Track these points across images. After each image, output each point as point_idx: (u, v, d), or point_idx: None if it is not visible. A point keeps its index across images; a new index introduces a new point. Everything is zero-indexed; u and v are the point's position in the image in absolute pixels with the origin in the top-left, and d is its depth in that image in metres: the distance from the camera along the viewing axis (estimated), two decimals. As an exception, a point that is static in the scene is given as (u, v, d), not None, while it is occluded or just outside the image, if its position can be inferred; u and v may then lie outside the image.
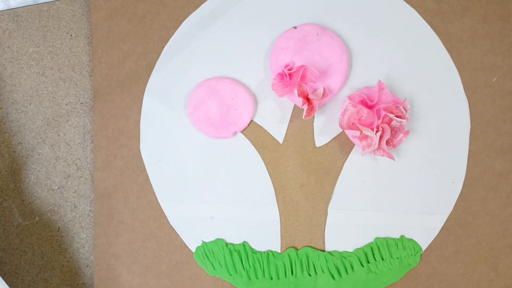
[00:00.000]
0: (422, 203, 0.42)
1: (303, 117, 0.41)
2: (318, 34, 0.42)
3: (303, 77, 0.41)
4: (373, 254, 0.42)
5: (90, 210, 0.44)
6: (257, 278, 0.42)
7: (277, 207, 0.43)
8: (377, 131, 0.40)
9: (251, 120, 0.43)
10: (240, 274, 0.42)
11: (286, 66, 0.41)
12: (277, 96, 0.42)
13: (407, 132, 0.41)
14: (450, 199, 0.42)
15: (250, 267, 0.42)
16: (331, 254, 0.42)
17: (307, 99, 0.41)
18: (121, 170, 0.43)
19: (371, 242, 0.42)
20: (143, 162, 0.43)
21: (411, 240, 0.42)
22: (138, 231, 0.43)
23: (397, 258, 0.42)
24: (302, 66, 0.41)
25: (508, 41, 0.42)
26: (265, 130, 0.43)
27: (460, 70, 0.43)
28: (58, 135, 0.44)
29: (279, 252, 0.43)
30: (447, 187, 0.42)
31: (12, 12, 0.44)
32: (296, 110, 0.43)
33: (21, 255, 0.43)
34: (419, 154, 0.42)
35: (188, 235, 0.43)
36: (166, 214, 0.43)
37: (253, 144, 0.43)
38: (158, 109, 0.43)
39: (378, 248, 0.42)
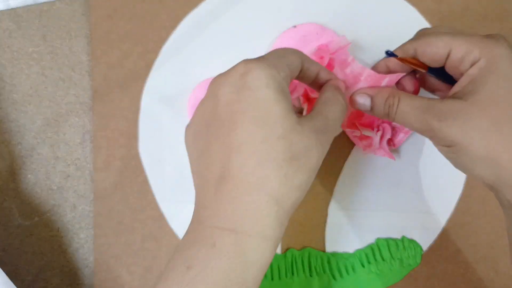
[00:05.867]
0: (423, 203, 0.42)
1: (303, 117, 0.41)
2: (318, 33, 0.42)
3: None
4: (373, 255, 0.42)
5: (89, 211, 0.44)
6: (257, 278, 0.42)
7: (277, 208, 0.43)
8: (377, 131, 0.40)
9: (251, 120, 0.43)
10: (240, 275, 0.42)
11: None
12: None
13: (407, 132, 0.41)
14: (451, 199, 0.42)
15: (250, 267, 0.42)
16: (332, 255, 0.42)
17: (307, 98, 0.40)
18: (121, 170, 0.43)
19: (372, 243, 0.42)
20: (142, 163, 0.43)
21: (412, 240, 0.42)
22: (137, 231, 0.43)
23: (398, 259, 0.42)
24: None
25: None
26: (265, 130, 0.43)
27: (461, 69, 0.42)
28: (58, 135, 0.44)
29: (279, 253, 0.42)
30: (448, 187, 0.42)
31: (12, 12, 0.44)
32: (296, 110, 0.43)
33: (20, 255, 0.43)
34: (419, 154, 0.42)
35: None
36: (165, 215, 0.43)
37: (253, 144, 0.43)
38: (157, 109, 0.43)
39: (379, 249, 0.42)
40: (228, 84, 0.28)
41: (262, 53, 0.43)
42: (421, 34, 0.34)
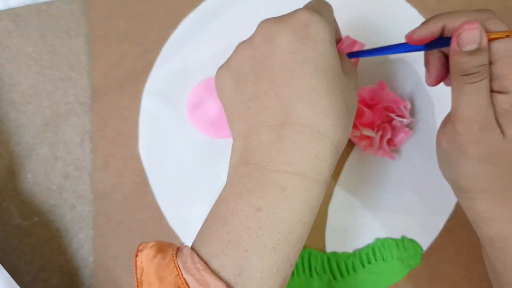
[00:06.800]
0: (423, 203, 0.42)
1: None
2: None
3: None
4: (374, 255, 0.42)
5: (89, 211, 0.43)
6: (257, 279, 0.42)
7: (277, 208, 0.43)
8: (377, 131, 0.40)
9: (251, 120, 0.43)
10: (240, 275, 0.42)
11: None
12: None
13: (408, 132, 0.41)
14: (451, 198, 0.42)
15: (250, 268, 0.42)
16: (332, 255, 0.42)
17: None
18: (120, 170, 0.43)
19: (372, 243, 0.42)
20: (142, 163, 0.43)
21: (412, 240, 0.42)
22: (137, 232, 0.43)
23: (398, 259, 0.42)
24: None
25: (509, 40, 0.42)
26: (265, 130, 0.43)
27: (461, 69, 0.42)
28: (57, 135, 0.44)
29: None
30: (448, 187, 0.42)
31: (11, 12, 0.44)
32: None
33: (20, 256, 0.43)
34: (419, 154, 0.42)
35: (188, 237, 0.43)
36: (165, 215, 0.43)
37: (253, 144, 0.43)
38: (157, 109, 0.43)
39: (379, 249, 0.42)
40: (290, 32, 0.28)
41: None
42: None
